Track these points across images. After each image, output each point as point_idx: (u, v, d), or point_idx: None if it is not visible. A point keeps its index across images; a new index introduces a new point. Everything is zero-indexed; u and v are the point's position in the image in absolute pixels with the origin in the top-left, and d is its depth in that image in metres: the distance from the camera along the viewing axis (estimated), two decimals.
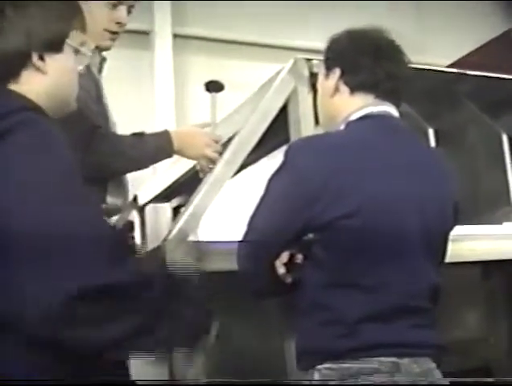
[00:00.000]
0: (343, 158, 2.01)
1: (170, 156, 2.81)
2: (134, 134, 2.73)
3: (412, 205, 2.03)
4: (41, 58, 1.66)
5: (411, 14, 8.80)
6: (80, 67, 1.81)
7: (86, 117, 2.50)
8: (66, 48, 1.72)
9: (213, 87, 2.97)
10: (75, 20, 1.76)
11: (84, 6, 1.90)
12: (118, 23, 2.74)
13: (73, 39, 1.74)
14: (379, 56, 2.15)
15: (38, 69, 1.66)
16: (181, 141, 2.76)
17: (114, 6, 2.73)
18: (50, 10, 1.69)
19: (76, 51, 1.76)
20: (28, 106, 1.57)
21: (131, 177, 2.97)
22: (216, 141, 2.82)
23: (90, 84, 2.63)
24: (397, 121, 2.18)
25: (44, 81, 1.67)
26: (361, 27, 2.23)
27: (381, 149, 2.07)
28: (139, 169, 2.81)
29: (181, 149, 2.78)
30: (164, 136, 2.76)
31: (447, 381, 2.05)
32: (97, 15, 2.65)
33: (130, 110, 6.67)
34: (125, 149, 2.66)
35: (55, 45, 1.69)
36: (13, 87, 1.64)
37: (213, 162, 2.78)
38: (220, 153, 2.78)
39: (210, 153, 2.78)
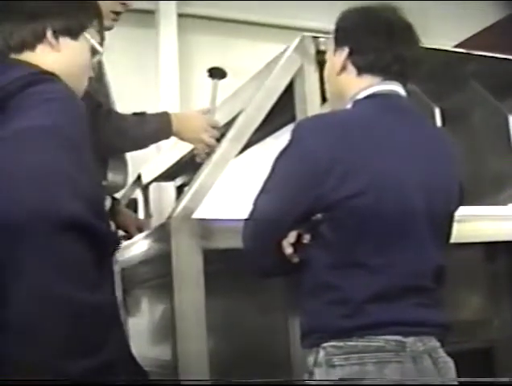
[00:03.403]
0: (350, 137, 1.99)
1: (168, 137, 2.83)
2: (135, 114, 2.75)
3: (418, 184, 2.02)
4: (55, 37, 1.76)
5: None
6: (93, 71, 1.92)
7: (88, 94, 2.52)
8: (82, 40, 1.82)
9: (216, 73, 2.99)
10: (95, 19, 1.88)
11: None
12: (123, 4, 2.75)
13: (91, 35, 1.85)
14: (390, 38, 2.11)
15: (51, 46, 1.75)
16: (179, 124, 2.78)
17: None
18: (73, 1, 1.83)
19: (93, 50, 1.86)
20: (47, 73, 1.64)
21: (135, 155, 2.97)
22: (214, 127, 2.84)
23: None
24: (404, 100, 2.16)
25: (56, 59, 1.75)
26: (374, 5, 2.19)
27: (388, 127, 2.06)
28: (139, 148, 2.83)
29: (179, 132, 2.80)
30: (164, 117, 2.78)
31: (450, 360, 2.05)
32: None
33: (134, 88, 6.66)
34: (128, 128, 2.68)
35: (71, 31, 1.79)
36: (28, 57, 1.73)
37: (210, 146, 2.79)
38: (218, 139, 2.80)
39: (206, 137, 2.81)
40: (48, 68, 1.67)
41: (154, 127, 2.75)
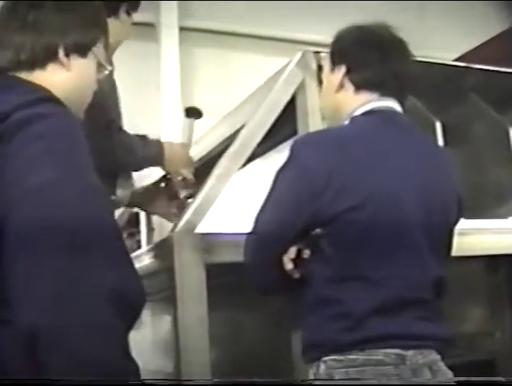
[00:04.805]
0: (348, 152, 2.02)
1: (159, 165, 2.91)
2: (139, 136, 2.80)
3: (415, 198, 2.04)
4: (67, 55, 1.75)
5: (413, 7, 8.80)
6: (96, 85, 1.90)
7: (107, 108, 2.59)
8: (90, 56, 1.81)
9: (193, 113, 3.09)
10: (103, 33, 1.87)
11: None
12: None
13: (99, 51, 1.84)
14: (386, 54, 2.15)
15: (62, 65, 1.74)
16: (168, 154, 2.85)
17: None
18: (84, 16, 1.81)
19: (99, 65, 1.86)
20: (49, 97, 1.61)
21: None
22: (191, 163, 2.97)
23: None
24: (400, 116, 2.18)
25: (66, 78, 1.74)
26: (368, 24, 2.23)
27: (385, 143, 2.08)
28: (140, 169, 2.88)
29: (166, 161, 2.87)
30: (160, 144, 2.85)
31: (450, 373, 2.05)
32: (124, 24, 2.78)
33: (135, 101, 6.68)
34: (134, 147, 2.71)
35: (81, 48, 1.78)
36: (39, 76, 1.71)
37: (185, 179, 2.93)
38: (194, 174, 2.93)
39: (186, 172, 2.91)
40: (57, 88, 1.66)
41: (154, 152, 2.82)
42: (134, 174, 2.89)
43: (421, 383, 1.95)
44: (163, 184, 3.03)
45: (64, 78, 1.74)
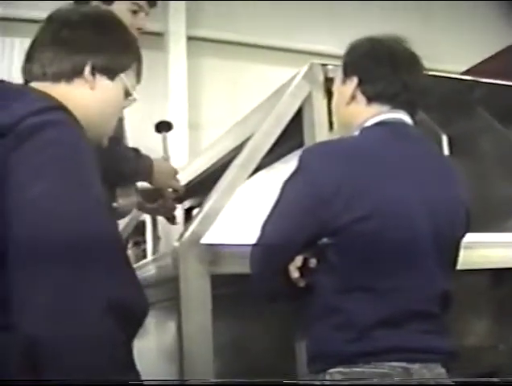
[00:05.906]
0: (356, 163, 2.02)
1: (148, 180, 2.95)
2: (133, 149, 2.82)
3: (423, 210, 2.04)
4: (93, 74, 1.77)
5: (419, 19, 8.82)
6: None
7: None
8: (118, 81, 1.83)
9: (163, 127, 3.22)
10: (136, 62, 1.89)
11: None
12: (139, 29, 2.82)
13: (128, 78, 1.85)
14: (398, 67, 2.16)
15: (87, 82, 1.76)
16: (155, 171, 2.87)
17: (135, 13, 2.87)
18: (118, 41, 1.84)
19: (127, 93, 1.87)
20: (57, 106, 1.61)
21: None
22: (177, 174, 3.03)
23: None
24: (410, 128, 2.19)
25: (89, 95, 1.77)
26: (381, 36, 2.24)
27: (394, 154, 2.09)
28: (132, 182, 2.89)
29: (154, 177, 2.90)
30: (150, 161, 2.87)
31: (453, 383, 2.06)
32: (120, 12, 2.75)
33: (142, 110, 6.70)
34: (130, 159, 2.73)
35: (109, 71, 1.80)
36: (63, 88, 1.73)
37: (176, 191, 3.02)
38: (198, 185, 3.01)
39: (175, 183, 3.00)
40: (78, 103, 1.69)
41: (145, 167, 2.86)
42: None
43: (421, 383, 1.95)
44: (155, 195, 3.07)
45: (87, 95, 1.76)
